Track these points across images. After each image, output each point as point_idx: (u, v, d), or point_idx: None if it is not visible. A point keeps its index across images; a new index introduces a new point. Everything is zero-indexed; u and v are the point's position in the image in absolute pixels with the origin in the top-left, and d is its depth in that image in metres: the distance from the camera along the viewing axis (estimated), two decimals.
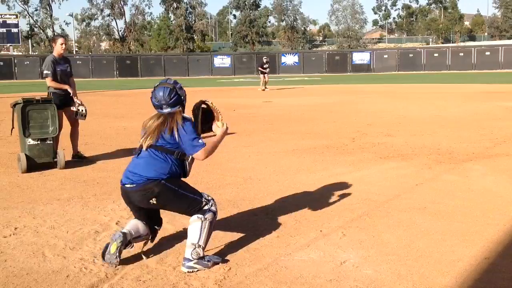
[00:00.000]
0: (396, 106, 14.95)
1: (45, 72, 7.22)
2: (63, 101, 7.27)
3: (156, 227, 3.78)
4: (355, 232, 4.13)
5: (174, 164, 3.54)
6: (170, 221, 4.45)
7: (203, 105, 3.75)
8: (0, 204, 5.12)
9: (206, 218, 3.52)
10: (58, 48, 7.31)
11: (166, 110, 3.58)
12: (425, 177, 5.97)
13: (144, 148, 3.56)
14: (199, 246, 3.45)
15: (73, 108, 7.35)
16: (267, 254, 3.70)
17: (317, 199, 5.09)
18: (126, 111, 15.17)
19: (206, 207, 3.58)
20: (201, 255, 3.45)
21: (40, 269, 3.50)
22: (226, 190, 5.58)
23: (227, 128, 3.74)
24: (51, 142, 6.86)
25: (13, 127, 7.06)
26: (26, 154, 6.66)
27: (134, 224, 3.65)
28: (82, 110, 7.36)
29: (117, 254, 3.46)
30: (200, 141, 3.53)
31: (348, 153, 7.59)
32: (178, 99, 3.60)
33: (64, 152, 7.11)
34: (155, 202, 3.51)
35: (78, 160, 7.39)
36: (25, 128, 6.71)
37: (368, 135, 9.35)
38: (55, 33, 71.92)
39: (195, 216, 3.53)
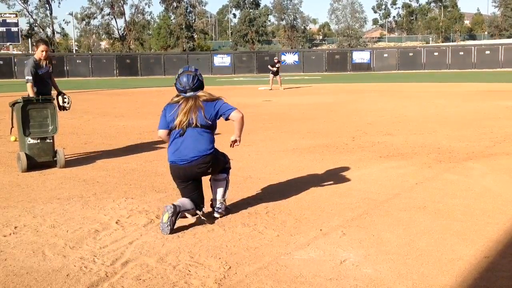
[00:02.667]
0: (396, 105, 14.95)
1: (26, 77, 7.05)
2: None
3: (201, 205, 4.42)
4: (355, 231, 4.13)
5: (213, 138, 4.39)
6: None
7: None
8: (0, 203, 5.12)
9: (228, 178, 4.58)
10: (39, 54, 7.15)
11: (190, 93, 4.32)
12: (425, 176, 5.97)
13: (184, 127, 4.26)
14: (224, 200, 4.52)
15: (60, 103, 7.35)
16: (267, 253, 3.70)
17: (317, 198, 5.10)
18: (126, 110, 15.16)
19: (229, 164, 4.63)
20: (226, 205, 4.56)
21: (40, 268, 3.50)
22: None
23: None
24: (51, 141, 6.86)
25: (12, 126, 7.06)
26: (26, 153, 6.66)
27: (182, 200, 4.30)
28: (65, 103, 7.39)
29: (169, 223, 4.03)
30: (232, 105, 4.44)
31: (348, 152, 7.59)
32: (200, 84, 4.39)
33: (64, 151, 7.10)
34: (210, 170, 4.38)
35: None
36: (25, 127, 6.71)
37: (368, 134, 9.35)
38: (55, 32, 72.11)
39: (221, 175, 4.51)
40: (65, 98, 7.39)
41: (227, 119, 4.47)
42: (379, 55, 48.94)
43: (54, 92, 7.42)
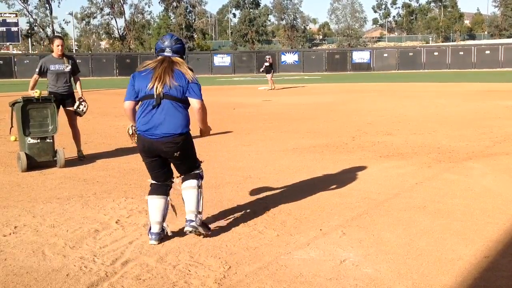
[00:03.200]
0: (396, 105, 14.94)
1: (36, 70, 7.38)
2: (59, 101, 7.35)
3: (171, 180, 4.07)
4: (355, 231, 4.13)
5: (189, 116, 3.90)
6: (170, 220, 4.46)
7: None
8: (0, 203, 5.12)
9: (200, 186, 3.97)
10: (55, 50, 7.41)
11: (168, 54, 3.90)
12: (425, 176, 5.97)
13: (159, 91, 3.77)
14: (200, 212, 3.91)
15: (74, 107, 7.43)
16: (267, 253, 3.70)
17: (317, 198, 5.09)
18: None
19: (200, 170, 4.05)
20: (202, 220, 3.94)
21: (40, 267, 3.50)
22: (225, 189, 5.58)
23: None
24: (51, 140, 6.86)
25: (12, 126, 7.06)
26: (26, 153, 6.65)
27: (159, 210, 3.94)
28: (79, 109, 7.45)
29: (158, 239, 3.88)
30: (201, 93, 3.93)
31: (348, 152, 7.59)
32: (181, 48, 3.95)
33: (64, 150, 7.10)
34: (177, 155, 3.84)
35: (80, 158, 7.42)
36: (25, 127, 6.71)
37: (368, 134, 9.35)
38: (55, 32, 72.05)
39: (193, 182, 3.94)
40: (81, 104, 7.46)
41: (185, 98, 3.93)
42: (379, 55, 48.94)
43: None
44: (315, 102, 16.56)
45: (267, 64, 23.79)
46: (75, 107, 7.43)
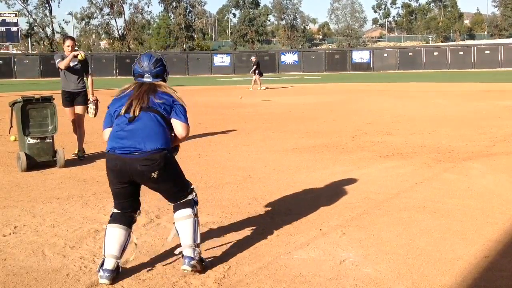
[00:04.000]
0: (395, 105, 14.94)
1: (56, 61, 7.45)
2: (70, 99, 7.48)
3: (135, 213, 3.50)
4: (354, 230, 4.13)
5: (170, 135, 3.36)
6: (170, 219, 4.46)
7: None
8: (0, 203, 5.12)
9: (195, 214, 3.40)
10: (65, 50, 7.48)
11: (147, 79, 3.45)
12: (424, 176, 5.97)
13: (137, 112, 3.28)
14: (198, 245, 3.37)
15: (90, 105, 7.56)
16: (267, 252, 3.70)
17: (317, 198, 5.09)
18: None
19: (193, 195, 3.45)
20: (200, 254, 3.39)
21: (40, 267, 3.50)
22: (225, 189, 5.58)
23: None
24: (51, 140, 6.86)
25: (11, 126, 7.05)
26: (25, 153, 6.65)
27: (113, 245, 3.32)
28: (91, 109, 7.55)
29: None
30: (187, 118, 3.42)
31: (347, 152, 7.59)
32: (161, 71, 3.50)
33: (64, 150, 7.10)
34: (155, 176, 3.23)
35: (80, 158, 7.42)
36: (24, 127, 6.71)
37: (367, 134, 9.35)
38: (55, 32, 72.13)
39: (183, 212, 3.36)
40: (92, 107, 7.52)
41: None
42: (378, 54, 48.95)
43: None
44: (315, 102, 16.56)
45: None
46: (90, 110, 7.54)
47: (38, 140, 6.76)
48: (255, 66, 23.73)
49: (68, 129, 7.59)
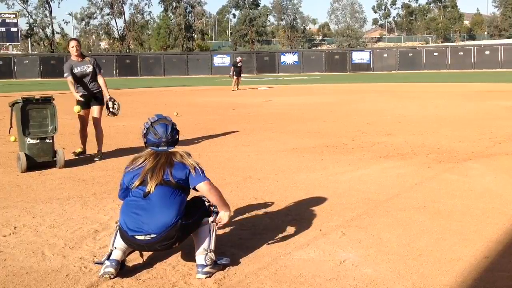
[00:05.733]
0: (395, 105, 14.95)
1: (65, 74, 7.42)
2: (86, 101, 7.50)
3: None
4: (354, 231, 4.13)
5: (184, 199, 3.39)
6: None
7: None
8: (0, 203, 5.12)
9: (213, 221, 3.42)
10: (72, 51, 7.46)
11: (162, 148, 3.43)
12: (424, 176, 5.96)
13: (153, 189, 3.30)
14: (211, 250, 3.34)
15: (110, 108, 7.57)
16: (267, 253, 3.70)
17: (317, 198, 5.09)
18: (125, 110, 15.12)
19: (211, 208, 3.49)
20: (214, 259, 3.35)
21: (40, 268, 3.50)
22: (225, 189, 5.56)
23: (229, 218, 3.56)
24: (51, 141, 6.86)
25: (11, 126, 7.06)
26: (25, 153, 6.65)
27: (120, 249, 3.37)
28: (114, 109, 7.57)
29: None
30: (204, 174, 3.41)
31: (347, 152, 7.59)
32: (177, 137, 3.52)
33: (64, 151, 7.10)
34: (177, 244, 3.35)
35: (98, 159, 7.40)
36: (24, 127, 6.71)
37: (367, 134, 9.35)
38: (55, 32, 72.15)
39: (203, 220, 3.42)
40: (115, 104, 7.57)
41: (194, 188, 3.43)
42: (378, 55, 48.98)
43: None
44: (314, 102, 16.56)
45: (240, 65, 24.64)
46: (110, 107, 7.52)
47: (38, 141, 6.76)
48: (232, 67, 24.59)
49: (68, 129, 7.58)
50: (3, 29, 51.53)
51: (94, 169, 6.76)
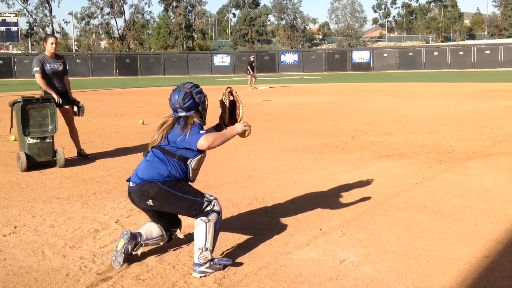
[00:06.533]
0: (395, 105, 14.94)
1: (34, 69, 7.17)
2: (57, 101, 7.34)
3: (173, 229, 3.68)
4: (354, 230, 4.13)
5: (175, 167, 3.46)
6: None
7: (231, 97, 3.87)
8: (0, 203, 5.12)
9: (210, 220, 3.42)
10: (49, 48, 7.32)
11: (181, 113, 3.59)
12: (424, 176, 5.97)
13: (149, 148, 3.59)
14: (206, 249, 3.36)
15: (75, 108, 7.44)
16: (267, 253, 3.70)
17: (317, 198, 5.09)
18: (125, 110, 15.16)
19: (208, 208, 3.47)
20: (209, 258, 3.35)
21: (40, 267, 3.50)
22: (225, 189, 5.58)
23: (243, 129, 3.71)
24: (51, 140, 6.86)
25: (11, 126, 7.05)
26: (25, 153, 6.65)
27: (147, 227, 3.64)
28: (80, 109, 7.49)
29: (123, 251, 3.42)
30: (201, 131, 3.51)
31: (347, 152, 7.59)
32: (192, 104, 3.61)
33: (64, 150, 7.10)
34: (151, 203, 3.46)
35: (82, 158, 7.40)
36: (24, 127, 6.71)
37: (367, 133, 9.35)
38: (55, 32, 72.10)
39: (198, 219, 3.43)
40: (80, 106, 7.50)
41: (199, 151, 3.52)
42: (378, 54, 48.96)
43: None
44: (315, 102, 16.56)
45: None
46: (75, 108, 7.45)
47: (38, 140, 6.76)
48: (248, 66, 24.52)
49: (68, 129, 7.58)
50: (3, 28, 51.49)
51: (94, 169, 6.76)
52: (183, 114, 3.59)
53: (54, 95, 7.11)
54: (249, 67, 25.26)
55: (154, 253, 3.72)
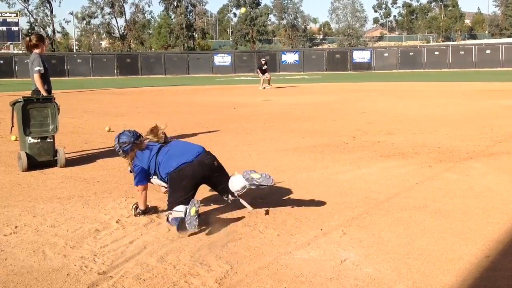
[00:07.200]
0: (396, 104, 14.94)
1: (37, 68, 7.13)
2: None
3: (224, 196, 4.59)
4: (355, 230, 4.13)
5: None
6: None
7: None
8: (1, 203, 5.13)
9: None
10: (43, 47, 7.33)
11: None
12: (425, 176, 5.96)
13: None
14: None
15: None
16: (268, 252, 3.70)
17: (317, 198, 5.09)
18: (126, 110, 15.16)
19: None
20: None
21: (41, 267, 3.50)
22: None
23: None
24: (52, 140, 6.86)
25: (12, 126, 7.06)
26: (26, 153, 6.65)
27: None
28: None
29: (197, 216, 3.96)
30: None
31: (348, 152, 7.58)
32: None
33: (64, 150, 7.10)
34: (216, 164, 4.51)
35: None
36: (25, 127, 6.71)
37: (368, 133, 9.35)
38: (55, 32, 72.15)
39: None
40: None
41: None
42: (379, 54, 48.95)
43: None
44: (315, 101, 16.56)
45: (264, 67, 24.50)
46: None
47: (39, 140, 6.76)
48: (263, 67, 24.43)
49: (69, 129, 7.58)
50: (4, 28, 51.49)
51: (95, 169, 6.76)
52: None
53: (45, 94, 7.10)
54: (258, 69, 25.13)
55: (154, 253, 3.72)
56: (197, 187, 4.45)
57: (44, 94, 7.05)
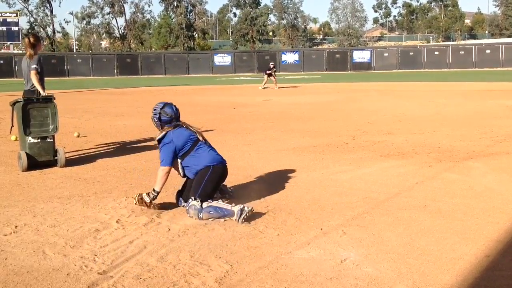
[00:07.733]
0: (396, 104, 14.94)
1: (34, 66, 7.08)
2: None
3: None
4: (355, 230, 4.13)
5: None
6: (171, 219, 4.47)
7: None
8: (1, 202, 5.12)
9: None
10: (41, 47, 7.37)
11: (175, 123, 4.97)
12: (425, 175, 5.96)
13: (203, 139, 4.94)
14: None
15: None
16: (268, 252, 3.70)
17: (317, 197, 5.09)
18: (126, 109, 15.16)
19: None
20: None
21: (41, 267, 3.50)
22: None
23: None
24: (52, 140, 6.86)
25: (12, 126, 7.06)
26: (26, 153, 6.65)
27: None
28: None
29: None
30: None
31: (348, 152, 7.58)
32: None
33: (64, 150, 7.10)
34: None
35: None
36: (25, 127, 6.71)
37: (368, 133, 9.35)
38: (55, 31, 72.17)
39: None
40: None
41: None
42: (379, 54, 48.96)
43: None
44: (315, 101, 16.56)
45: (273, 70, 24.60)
46: None
47: (39, 140, 6.76)
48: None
49: (69, 128, 7.58)
50: (4, 28, 51.50)
51: (95, 168, 6.76)
52: (176, 123, 4.96)
53: (43, 93, 7.08)
54: (264, 72, 25.22)
55: (155, 253, 3.72)
56: None
57: (41, 91, 7.04)
